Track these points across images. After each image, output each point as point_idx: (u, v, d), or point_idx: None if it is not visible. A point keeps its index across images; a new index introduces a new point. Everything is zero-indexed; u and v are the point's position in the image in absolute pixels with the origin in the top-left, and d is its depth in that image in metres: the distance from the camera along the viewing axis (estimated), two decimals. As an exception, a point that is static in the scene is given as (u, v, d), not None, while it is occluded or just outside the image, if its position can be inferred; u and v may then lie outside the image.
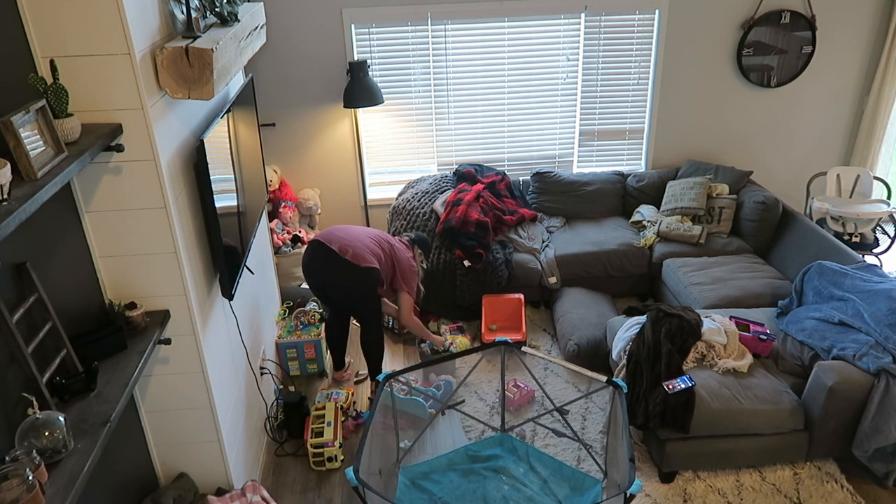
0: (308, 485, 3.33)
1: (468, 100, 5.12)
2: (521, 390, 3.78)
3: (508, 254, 4.56)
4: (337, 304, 3.78)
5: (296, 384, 4.06)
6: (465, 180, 4.95)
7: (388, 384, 3.12)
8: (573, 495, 3.15)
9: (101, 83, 2.06)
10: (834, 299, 3.52)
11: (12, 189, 1.57)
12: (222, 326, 2.90)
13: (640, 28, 5.01)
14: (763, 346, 3.40)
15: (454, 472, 3.31)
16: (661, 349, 3.28)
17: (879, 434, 3.01)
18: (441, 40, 4.91)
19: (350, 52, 4.84)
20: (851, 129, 5.47)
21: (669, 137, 5.36)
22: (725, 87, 5.22)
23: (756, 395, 3.15)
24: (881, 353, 3.08)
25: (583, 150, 5.40)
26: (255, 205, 3.44)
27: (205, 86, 2.25)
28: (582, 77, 5.13)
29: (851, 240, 4.78)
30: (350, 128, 5.06)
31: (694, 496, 3.17)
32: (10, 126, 1.61)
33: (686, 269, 4.30)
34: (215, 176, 2.58)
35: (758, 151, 5.48)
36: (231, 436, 2.86)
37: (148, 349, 2.20)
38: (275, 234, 4.74)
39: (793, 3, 4.96)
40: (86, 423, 1.84)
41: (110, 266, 2.33)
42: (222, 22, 2.74)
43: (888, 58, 5.07)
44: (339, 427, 3.49)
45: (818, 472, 3.28)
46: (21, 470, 1.51)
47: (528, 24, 4.92)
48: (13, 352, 1.78)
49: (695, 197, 4.74)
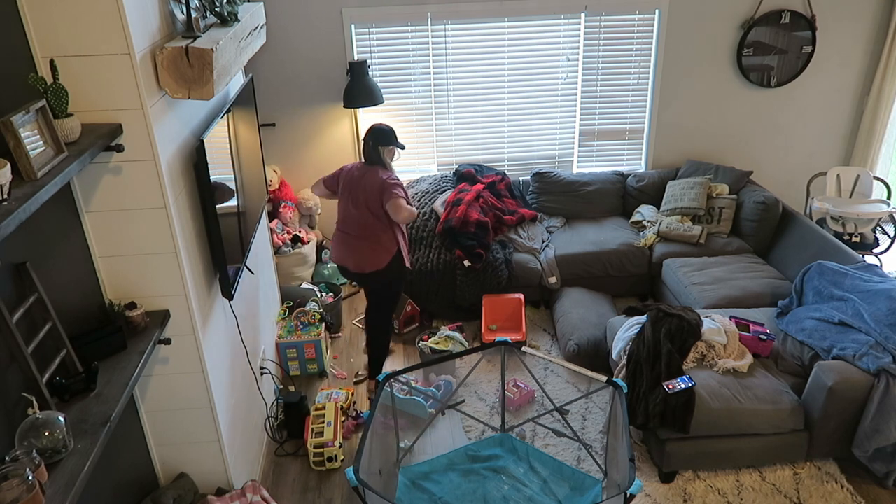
0: (308, 485, 3.33)
1: (468, 100, 5.12)
2: (521, 390, 3.78)
3: (508, 254, 4.56)
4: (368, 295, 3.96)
5: (296, 384, 4.06)
6: (465, 180, 4.94)
7: (387, 384, 3.12)
8: (573, 495, 3.15)
9: (101, 83, 2.06)
10: (834, 299, 3.52)
11: (12, 189, 1.57)
12: (222, 326, 2.90)
13: (640, 28, 5.01)
14: (763, 346, 3.40)
15: (454, 472, 3.31)
16: (661, 349, 3.28)
17: (879, 434, 3.01)
18: (441, 40, 4.91)
19: (350, 52, 4.84)
20: (851, 129, 5.47)
21: (669, 137, 5.36)
22: (725, 87, 5.22)
23: (756, 395, 3.15)
24: (881, 353, 3.08)
25: (583, 150, 5.40)
26: (255, 205, 3.44)
27: (205, 86, 2.25)
28: (582, 77, 5.13)
29: (851, 240, 4.78)
30: (350, 128, 5.06)
31: (694, 496, 3.17)
32: (10, 126, 1.61)
33: (686, 269, 4.30)
34: (215, 176, 2.58)
35: (758, 151, 5.48)
36: (231, 436, 2.86)
37: (148, 349, 2.20)
38: (275, 234, 4.74)
39: (793, 3, 4.96)
40: (86, 423, 1.84)
41: (110, 266, 2.33)
42: (222, 22, 2.74)
43: (888, 58, 5.07)
44: (339, 427, 3.49)
45: (818, 472, 3.28)
46: (21, 470, 1.51)
47: (528, 24, 4.92)
48: (13, 352, 1.78)
49: (695, 197, 4.74)
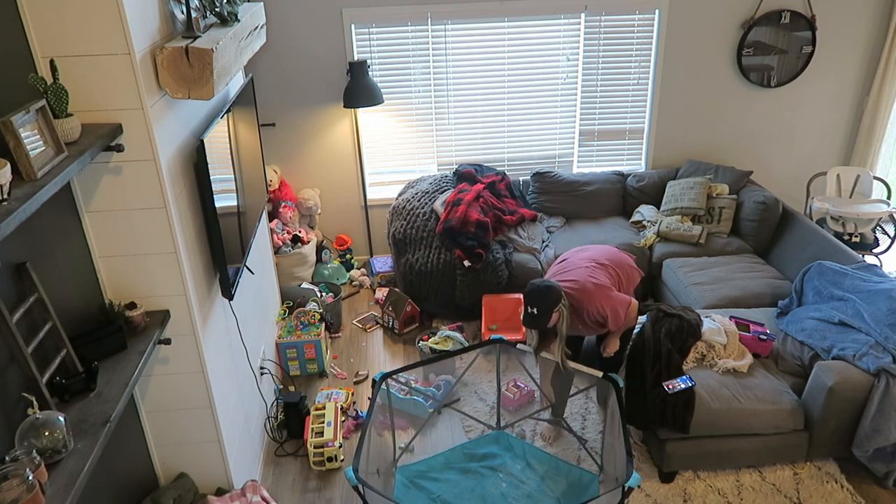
0: (308, 485, 3.33)
1: (468, 100, 5.12)
2: (521, 390, 3.78)
3: (508, 254, 4.56)
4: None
5: (296, 384, 4.06)
6: (465, 180, 4.94)
7: (384, 383, 3.12)
8: (570, 491, 3.15)
9: (101, 83, 2.06)
10: (834, 299, 3.52)
11: (12, 189, 1.57)
12: (222, 326, 2.90)
13: (640, 28, 5.01)
14: (763, 346, 3.40)
15: (451, 470, 3.31)
16: (661, 349, 3.28)
17: (879, 434, 3.01)
18: (441, 40, 4.91)
19: (350, 52, 4.84)
20: (851, 129, 5.47)
21: (669, 137, 5.36)
22: (725, 87, 5.22)
23: (756, 395, 3.15)
24: (881, 353, 3.08)
25: (583, 150, 5.40)
26: (255, 205, 3.44)
27: (205, 86, 2.25)
28: (582, 77, 5.13)
29: (851, 240, 4.78)
30: (350, 128, 5.06)
31: (694, 496, 3.17)
32: (10, 126, 1.61)
33: (686, 269, 4.30)
34: (215, 176, 2.58)
35: (758, 151, 5.48)
36: (231, 436, 2.86)
37: (148, 349, 2.20)
38: (275, 234, 4.74)
39: (793, 3, 4.96)
40: (86, 423, 1.84)
41: (110, 266, 2.33)
42: (222, 22, 2.74)
43: (888, 58, 5.07)
44: (339, 427, 3.49)
45: (818, 472, 3.28)
46: (21, 470, 1.51)
47: (528, 24, 4.92)
48: (13, 352, 1.78)
49: (695, 197, 4.74)
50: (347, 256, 5.30)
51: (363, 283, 5.15)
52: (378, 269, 5.16)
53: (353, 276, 5.18)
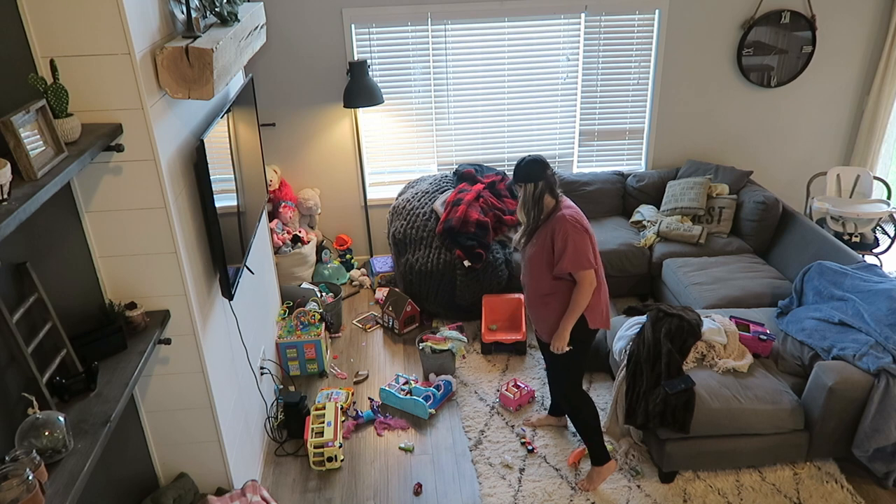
0: (308, 485, 3.33)
1: (468, 100, 5.12)
2: (521, 390, 3.78)
3: (508, 254, 4.57)
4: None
5: (296, 384, 4.06)
6: (465, 180, 4.94)
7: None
8: None
9: (101, 83, 2.06)
10: (834, 299, 3.52)
11: (12, 189, 1.57)
12: (222, 326, 2.90)
13: (640, 28, 5.01)
14: (763, 346, 3.40)
15: None
16: (661, 349, 3.28)
17: (879, 434, 3.01)
18: (441, 40, 4.91)
19: (350, 52, 4.84)
20: (851, 129, 5.47)
21: (669, 137, 5.36)
22: (725, 87, 5.22)
23: (756, 395, 3.15)
24: (881, 353, 3.08)
25: (583, 150, 5.40)
26: (255, 205, 3.44)
27: (205, 86, 2.25)
28: (582, 77, 5.13)
29: (851, 240, 4.78)
30: (350, 128, 5.06)
31: (694, 496, 3.17)
32: (10, 126, 1.61)
33: (686, 269, 4.30)
34: (215, 176, 2.58)
35: (758, 151, 5.48)
36: (231, 436, 2.86)
37: (148, 349, 2.20)
38: (275, 234, 4.74)
39: (793, 3, 4.96)
40: (86, 423, 1.84)
41: (110, 266, 2.33)
42: (222, 22, 2.74)
43: (888, 58, 5.07)
44: (339, 427, 3.49)
45: (818, 472, 3.28)
46: (21, 470, 1.51)
47: (528, 24, 4.92)
48: (13, 352, 1.78)
49: (695, 197, 4.74)
50: (347, 256, 5.30)
51: (363, 283, 5.15)
52: (378, 269, 5.16)
53: (353, 276, 5.19)
